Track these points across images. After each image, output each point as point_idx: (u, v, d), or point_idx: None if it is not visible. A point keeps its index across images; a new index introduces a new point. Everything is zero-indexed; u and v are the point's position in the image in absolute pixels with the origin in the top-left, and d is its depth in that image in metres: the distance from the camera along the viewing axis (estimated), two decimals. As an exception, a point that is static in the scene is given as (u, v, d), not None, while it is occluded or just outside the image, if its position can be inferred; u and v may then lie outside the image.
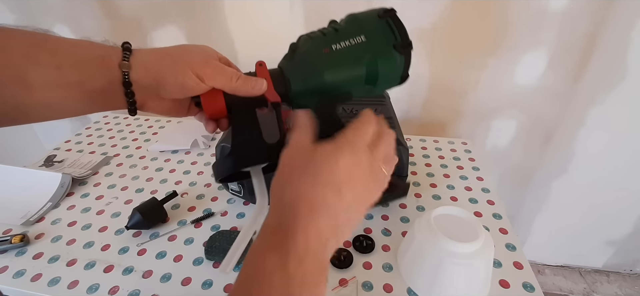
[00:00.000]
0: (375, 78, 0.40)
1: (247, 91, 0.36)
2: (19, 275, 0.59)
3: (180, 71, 0.33)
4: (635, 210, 1.19)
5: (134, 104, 0.34)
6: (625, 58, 0.91)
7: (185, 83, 0.34)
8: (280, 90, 0.38)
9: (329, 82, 0.38)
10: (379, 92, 0.43)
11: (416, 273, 0.56)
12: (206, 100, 0.36)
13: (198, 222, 0.69)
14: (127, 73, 0.32)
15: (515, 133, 1.09)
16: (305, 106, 0.39)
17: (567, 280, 1.38)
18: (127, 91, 0.32)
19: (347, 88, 0.40)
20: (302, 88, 0.38)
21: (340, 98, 0.40)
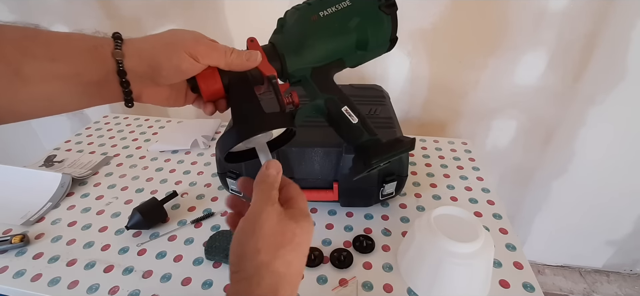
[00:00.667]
0: (365, 42, 0.41)
1: (243, 64, 0.36)
2: (19, 275, 0.59)
3: (173, 53, 0.33)
4: (635, 210, 1.19)
5: (130, 94, 0.33)
6: (625, 58, 0.91)
7: (179, 65, 0.33)
8: (274, 64, 0.38)
9: (320, 49, 0.39)
10: (371, 57, 0.43)
11: (416, 273, 0.56)
12: (202, 81, 0.36)
13: (198, 221, 0.69)
14: (121, 61, 0.31)
15: (515, 133, 1.09)
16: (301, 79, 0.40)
17: (567, 280, 1.38)
18: (122, 80, 0.32)
19: (339, 55, 0.41)
20: (296, 59, 0.39)
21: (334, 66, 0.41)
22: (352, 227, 0.68)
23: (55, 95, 0.31)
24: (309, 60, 0.39)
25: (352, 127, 0.40)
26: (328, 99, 0.40)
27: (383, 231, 0.67)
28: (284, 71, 0.39)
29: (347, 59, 0.41)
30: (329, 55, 0.40)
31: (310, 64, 0.40)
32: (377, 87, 0.87)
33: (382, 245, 0.64)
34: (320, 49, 0.39)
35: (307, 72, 0.40)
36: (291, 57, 0.39)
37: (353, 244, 0.64)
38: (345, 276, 0.58)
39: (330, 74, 0.41)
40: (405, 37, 0.96)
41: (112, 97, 0.33)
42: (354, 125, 0.40)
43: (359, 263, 0.60)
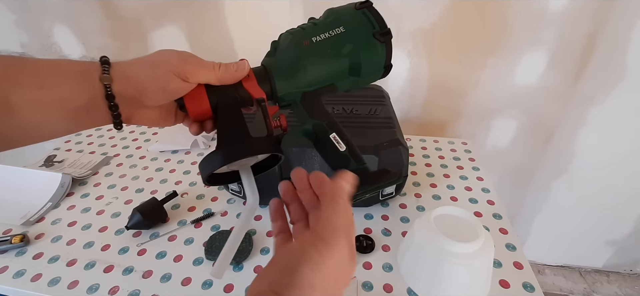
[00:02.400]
0: (358, 69, 0.40)
1: (232, 76, 0.36)
2: (19, 275, 0.59)
3: (161, 75, 0.33)
4: (635, 210, 1.19)
5: (119, 117, 0.33)
6: (625, 58, 0.91)
7: (167, 86, 0.33)
8: (264, 87, 0.38)
9: (312, 74, 0.39)
10: (364, 83, 0.43)
11: (416, 273, 0.56)
12: (190, 101, 0.36)
13: (198, 222, 0.69)
14: (109, 85, 0.31)
15: (515, 133, 1.09)
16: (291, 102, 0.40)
17: (567, 280, 1.38)
18: (110, 104, 0.32)
19: (331, 81, 0.41)
20: (286, 83, 0.39)
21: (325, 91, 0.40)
22: (352, 227, 0.68)
23: (45, 121, 0.30)
24: (299, 85, 0.39)
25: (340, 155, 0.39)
26: (316, 125, 0.39)
27: (383, 231, 0.67)
28: (273, 94, 0.39)
29: (339, 84, 0.41)
30: (321, 80, 0.40)
31: (301, 88, 0.39)
32: (377, 87, 0.87)
33: (382, 245, 0.64)
34: (312, 74, 0.39)
35: (297, 96, 0.39)
36: (281, 81, 0.38)
37: (353, 244, 0.64)
38: (345, 276, 0.58)
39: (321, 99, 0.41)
40: (406, 37, 0.97)
41: (101, 120, 0.33)
42: (341, 153, 0.39)
43: (359, 263, 0.60)
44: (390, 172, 0.41)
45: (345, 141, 0.40)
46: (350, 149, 0.40)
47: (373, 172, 0.40)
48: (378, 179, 0.40)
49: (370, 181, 0.40)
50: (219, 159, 0.33)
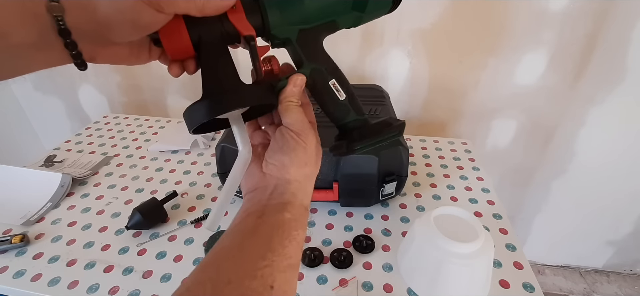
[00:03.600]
0: (364, 3, 0.35)
1: (216, 5, 0.29)
2: (19, 275, 0.59)
3: (128, 5, 0.26)
4: (635, 210, 1.19)
5: (80, 56, 0.27)
6: (625, 58, 0.91)
7: (138, 18, 0.26)
8: (254, 20, 0.32)
9: (310, 7, 0.33)
10: (368, 19, 0.37)
11: (416, 273, 0.56)
12: (166, 36, 0.30)
13: (198, 222, 0.69)
14: (61, 17, 0.25)
15: (515, 133, 1.09)
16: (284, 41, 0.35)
17: (567, 280, 1.38)
18: (66, 42, 0.26)
19: (332, 17, 0.35)
20: (280, 17, 0.33)
21: (324, 29, 0.35)
22: (352, 227, 0.68)
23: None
24: (295, 19, 0.33)
25: (339, 104, 0.36)
26: (314, 69, 0.35)
27: (383, 231, 0.67)
28: (265, 29, 0.33)
29: (340, 21, 0.35)
30: (320, 15, 0.34)
31: (297, 24, 0.34)
32: (377, 87, 0.87)
33: (382, 245, 0.64)
34: (310, 6, 0.33)
35: (292, 33, 0.34)
36: (275, 13, 0.32)
37: (353, 244, 0.64)
38: (345, 276, 0.58)
39: (320, 38, 0.35)
40: (406, 37, 0.97)
41: (57, 59, 0.27)
42: (340, 102, 0.36)
43: (359, 263, 0.60)
44: (391, 124, 0.38)
45: (345, 89, 0.36)
46: (350, 98, 0.37)
47: (374, 123, 0.38)
48: (377, 132, 0.38)
49: (370, 134, 0.37)
50: (205, 111, 0.29)
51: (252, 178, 0.35)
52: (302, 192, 0.34)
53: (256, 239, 0.30)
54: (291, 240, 0.31)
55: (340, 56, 1.02)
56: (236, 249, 0.29)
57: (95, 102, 1.26)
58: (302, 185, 0.34)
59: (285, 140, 0.33)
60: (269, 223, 0.31)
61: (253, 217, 0.32)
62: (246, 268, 0.28)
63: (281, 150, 0.33)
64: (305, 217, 0.34)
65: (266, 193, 0.33)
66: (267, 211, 0.32)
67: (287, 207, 0.32)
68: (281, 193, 0.33)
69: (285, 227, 0.31)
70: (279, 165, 0.33)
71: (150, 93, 1.19)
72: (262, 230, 0.31)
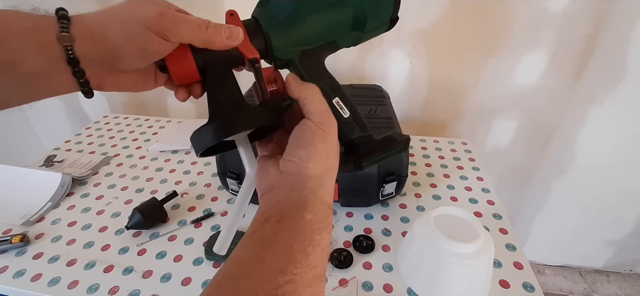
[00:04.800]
0: (363, 22, 0.36)
1: (221, 42, 0.30)
2: (19, 275, 0.59)
3: (136, 33, 0.27)
4: (635, 210, 1.19)
5: (87, 85, 0.27)
6: (625, 58, 0.91)
7: (146, 46, 0.27)
8: (257, 43, 0.33)
9: (311, 28, 0.34)
10: (366, 38, 0.38)
11: (416, 273, 0.56)
12: (172, 62, 0.30)
13: (198, 221, 0.69)
14: (71, 47, 0.25)
15: (515, 133, 1.09)
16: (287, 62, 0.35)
17: (567, 280, 1.38)
18: (75, 70, 0.26)
19: (333, 37, 0.36)
20: (283, 39, 0.34)
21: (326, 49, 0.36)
22: (352, 227, 0.68)
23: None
24: (297, 41, 0.34)
25: (343, 122, 0.36)
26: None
27: (383, 231, 0.67)
28: (268, 51, 0.34)
29: (341, 41, 0.36)
30: (321, 36, 0.35)
31: (299, 45, 0.34)
32: (377, 87, 0.88)
33: (382, 245, 0.64)
34: (311, 28, 0.34)
35: (295, 54, 0.35)
36: (277, 36, 0.33)
37: (353, 244, 0.64)
38: (345, 276, 0.58)
39: (322, 58, 0.36)
40: (406, 37, 0.96)
41: (65, 88, 0.27)
42: (345, 119, 0.36)
43: (359, 263, 0.60)
44: (396, 140, 0.39)
45: (349, 107, 0.37)
46: (354, 115, 0.37)
47: (379, 139, 0.38)
48: (384, 147, 0.38)
49: (376, 150, 0.38)
50: (212, 134, 0.30)
51: (268, 177, 0.32)
52: (323, 188, 0.31)
53: (276, 249, 0.27)
54: (315, 246, 0.28)
55: (340, 56, 1.02)
56: (253, 263, 0.26)
57: (95, 102, 1.26)
58: (323, 179, 0.31)
59: (303, 133, 0.31)
60: (289, 228, 0.28)
61: (271, 222, 0.29)
62: (265, 288, 0.24)
63: (298, 144, 0.31)
64: (329, 217, 0.31)
65: (284, 192, 0.30)
66: (286, 213, 0.29)
67: (307, 205, 0.29)
68: (300, 190, 0.30)
69: (307, 231, 0.28)
70: (297, 160, 0.31)
71: (150, 94, 1.19)
72: (282, 237, 0.28)
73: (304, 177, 0.31)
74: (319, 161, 0.31)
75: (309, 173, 0.31)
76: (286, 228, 0.28)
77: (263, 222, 0.29)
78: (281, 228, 0.28)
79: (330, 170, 0.32)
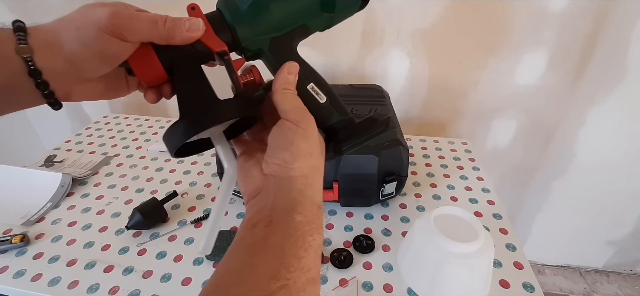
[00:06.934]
0: (332, 3, 0.34)
1: (182, 36, 0.29)
2: (19, 275, 0.59)
3: (91, 37, 0.26)
4: (635, 210, 1.19)
5: (52, 96, 0.27)
6: (625, 58, 0.91)
7: (103, 50, 0.26)
8: (224, 36, 0.31)
9: (277, 14, 0.33)
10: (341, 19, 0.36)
11: (416, 273, 0.56)
12: (136, 63, 0.29)
13: (198, 222, 0.69)
14: (30, 59, 0.24)
15: (515, 133, 1.09)
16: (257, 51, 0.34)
17: (567, 280, 1.38)
18: (37, 82, 0.25)
19: (302, 21, 0.34)
20: (249, 29, 0.32)
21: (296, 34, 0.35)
22: (352, 227, 0.68)
23: None
24: (264, 29, 0.33)
25: (320, 107, 0.35)
26: None
27: (383, 231, 0.67)
28: (235, 43, 0.32)
29: (311, 24, 0.35)
30: (290, 21, 0.33)
31: (267, 33, 0.33)
32: (377, 87, 0.88)
33: (382, 245, 0.64)
34: (278, 14, 0.33)
35: (264, 43, 0.33)
36: (243, 26, 0.32)
37: (353, 244, 0.64)
38: (345, 276, 0.58)
39: (293, 44, 0.35)
40: (406, 37, 0.96)
41: (30, 101, 0.27)
42: (321, 105, 0.35)
43: (359, 263, 0.60)
44: (376, 120, 0.38)
45: (325, 91, 0.35)
46: (331, 100, 0.36)
47: (358, 122, 0.37)
48: (364, 129, 0.37)
49: (356, 133, 0.37)
50: (182, 132, 0.29)
51: (253, 182, 0.31)
52: (310, 187, 0.30)
53: (266, 254, 0.26)
54: (307, 248, 0.27)
55: (340, 56, 1.02)
56: (244, 270, 0.25)
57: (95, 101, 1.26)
58: (310, 179, 0.30)
59: (283, 133, 0.30)
60: (279, 231, 0.27)
61: (260, 227, 0.28)
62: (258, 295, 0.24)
63: (280, 145, 0.30)
64: (320, 217, 0.30)
65: (270, 196, 0.30)
66: (275, 216, 0.28)
67: (296, 207, 0.28)
68: (288, 192, 0.29)
69: (299, 233, 0.27)
70: (280, 162, 0.30)
71: (150, 93, 1.19)
72: (272, 241, 0.27)
73: (290, 178, 0.30)
74: (303, 160, 0.30)
75: (295, 174, 0.30)
76: (276, 231, 0.27)
77: (251, 227, 0.28)
78: (271, 232, 0.27)
79: (315, 169, 0.31)
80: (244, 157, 0.34)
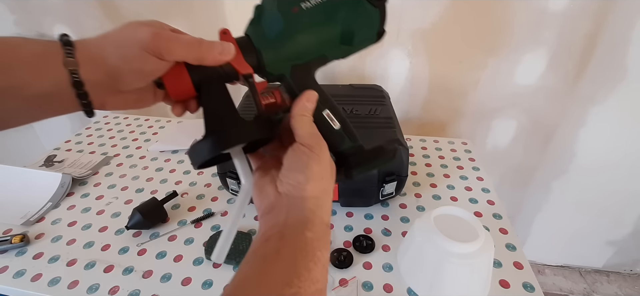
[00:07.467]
0: (351, 37, 0.37)
1: (214, 58, 0.31)
2: (19, 275, 0.59)
3: (132, 55, 0.28)
4: (635, 210, 1.19)
5: (90, 105, 0.29)
6: (625, 58, 0.91)
7: (142, 67, 0.29)
8: (250, 59, 0.34)
9: (302, 44, 0.36)
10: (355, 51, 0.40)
11: (416, 273, 0.56)
12: (169, 80, 0.32)
13: (198, 221, 0.69)
14: (76, 71, 0.27)
15: (515, 133, 1.09)
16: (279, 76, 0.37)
17: (567, 280, 1.38)
18: (79, 92, 0.28)
19: (322, 52, 0.37)
20: (274, 55, 0.35)
21: (316, 63, 0.38)
22: (352, 227, 0.68)
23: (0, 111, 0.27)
24: (288, 56, 0.36)
25: (333, 133, 0.38)
26: None
27: (383, 231, 0.67)
28: (260, 67, 0.35)
29: (330, 54, 0.38)
30: (311, 51, 0.37)
31: (290, 60, 0.36)
32: (377, 87, 0.88)
33: (382, 245, 0.64)
34: (301, 44, 0.36)
35: (286, 69, 0.36)
36: (268, 52, 0.35)
37: (353, 244, 0.64)
38: (345, 276, 0.58)
39: (312, 71, 0.38)
40: (406, 37, 0.97)
41: (68, 108, 0.29)
42: (335, 130, 0.38)
43: (359, 263, 0.60)
44: (385, 149, 0.40)
45: (339, 118, 0.38)
46: (344, 127, 0.38)
47: (368, 150, 0.40)
48: (373, 157, 0.39)
49: (366, 159, 0.39)
50: (207, 149, 0.32)
51: (267, 198, 0.34)
52: (320, 208, 0.33)
53: (279, 264, 0.29)
54: (316, 261, 0.30)
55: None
56: (258, 277, 0.28)
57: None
58: (320, 200, 0.33)
59: (298, 157, 0.32)
60: (291, 245, 0.30)
61: (273, 241, 0.30)
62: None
63: (295, 167, 0.32)
64: (328, 235, 0.33)
65: (283, 213, 0.32)
66: (287, 232, 0.31)
67: (307, 224, 0.31)
68: (300, 211, 0.32)
69: (309, 248, 0.30)
70: (294, 183, 0.32)
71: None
72: (285, 252, 0.29)
73: (303, 198, 0.32)
74: (315, 183, 0.32)
75: (307, 195, 0.32)
76: (288, 245, 0.30)
77: (264, 242, 0.31)
78: (283, 245, 0.30)
79: (326, 191, 0.34)
80: (259, 173, 0.36)
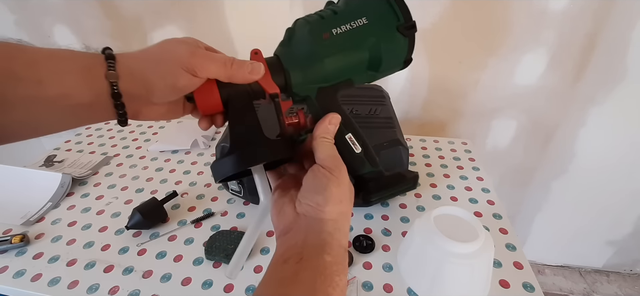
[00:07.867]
0: (378, 64, 0.38)
1: (244, 77, 0.33)
2: (19, 275, 0.59)
3: (168, 71, 0.31)
4: (635, 210, 1.19)
5: (125, 116, 0.31)
6: (625, 58, 0.91)
7: (176, 83, 0.31)
8: (278, 79, 0.35)
9: (329, 68, 0.36)
10: (381, 76, 0.40)
11: (416, 273, 0.56)
12: (200, 95, 0.33)
13: (198, 221, 0.69)
14: (116, 83, 0.29)
15: (515, 133, 1.10)
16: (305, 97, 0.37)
17: (567, 280, 1.38)
18: (117, 103, 0.30)
19: (349, 76, 0.38)
20: (302, 77, 0.36)
21: (341, 86, 0.38)
22: (352, 227, 0.68)
23: (42, 118, 0.28)
24: (315, 79, 0.37)
25: (355, 156, 0.38)
26: None
27: (383, 231, 0.67)
28: (287, 87, 0.36)
29: (356, 79, 0.39)
30: (338, 75, 0.37)
31: (317, 83, 0.37)
32: (377, 87, 0.88)
33: (382, 245, 0.64)
34: (329, 68, 0.36)
35: (312, 91, 0.37)
36: (297, 74, 0.36)
37: (353, 244, 0.64)
38: (345, 276, 0.58)
39: (337, 94, 0.38)
40: (405, 37, 0.97)
41: (104, 117, 0.31)
42: (356, 154, 0.38)
43: (359, 263, 0.60)
44: (405, 177, 0.40)
45: (361, 142, 0.38)
46: (365, 151, 0.38)
47: (388, 176, 0.40)
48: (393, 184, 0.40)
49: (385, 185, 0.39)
50: (232, 164, 0.33)
51: (286, 219, 0.34)
52: (339, 231, 0.33)
53: (298, 287, 0.29)
54: (335, 287, 0.29)
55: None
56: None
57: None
58: (339, 223, 0.33)
59: (318, 178, 0.33)
60: (309, 268, 0.30)
61: (291, 263, 0.30)
62: None
63: (315, 189, 0.33)
64: (345, 260, 0.33)
65: (301, 234, 0.32)
66: (306, 254, 0.30)
67: (326, 247, 0.31)
68: (318, 233, 0.32)
69: (328, 273, 0.30)
70: (313, 204, 0.32)
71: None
72: (304, 276, 0.29)
73: (321, 220, 0.32)
74: (334, 205, 0.32)
75: (326, 217, 0.32)
76: (307, 268, 0.30)
77: (282, 263, 0.31)
78: (301, 268, 0.30)
79: (344, 215, 0.34)
80: (279, 192, 0.36)
